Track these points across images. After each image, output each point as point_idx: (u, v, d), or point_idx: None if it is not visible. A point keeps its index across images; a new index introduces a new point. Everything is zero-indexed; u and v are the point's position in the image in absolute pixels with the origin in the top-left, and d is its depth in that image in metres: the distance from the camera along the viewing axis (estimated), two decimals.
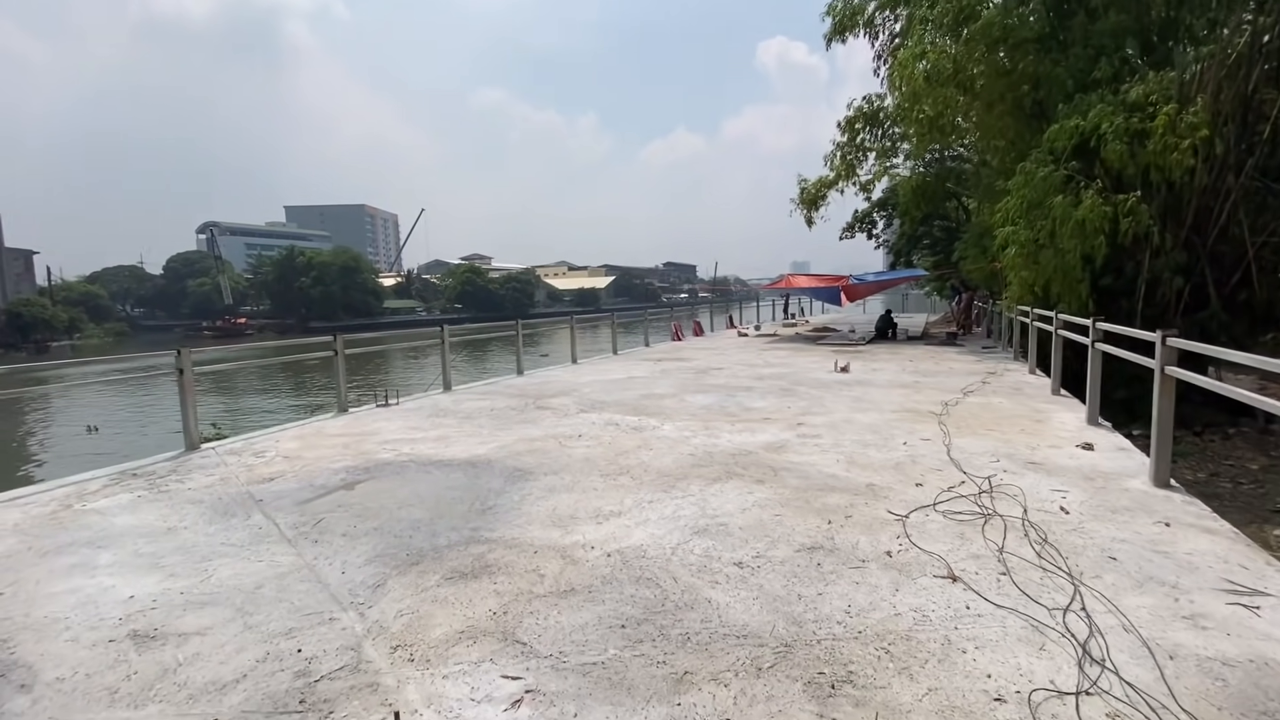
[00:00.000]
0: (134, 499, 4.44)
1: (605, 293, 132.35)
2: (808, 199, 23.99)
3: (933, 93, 14.22)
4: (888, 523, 3.64)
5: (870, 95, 21.68)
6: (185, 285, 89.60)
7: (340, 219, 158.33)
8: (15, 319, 61.37)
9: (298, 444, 6.04)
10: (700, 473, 4.69)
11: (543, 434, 6.14)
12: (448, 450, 5.60)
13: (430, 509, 4.06)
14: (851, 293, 17.50)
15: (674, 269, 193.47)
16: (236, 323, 76.54)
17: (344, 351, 7.88)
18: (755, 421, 6.47)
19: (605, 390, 8.81)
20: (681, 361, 12.27)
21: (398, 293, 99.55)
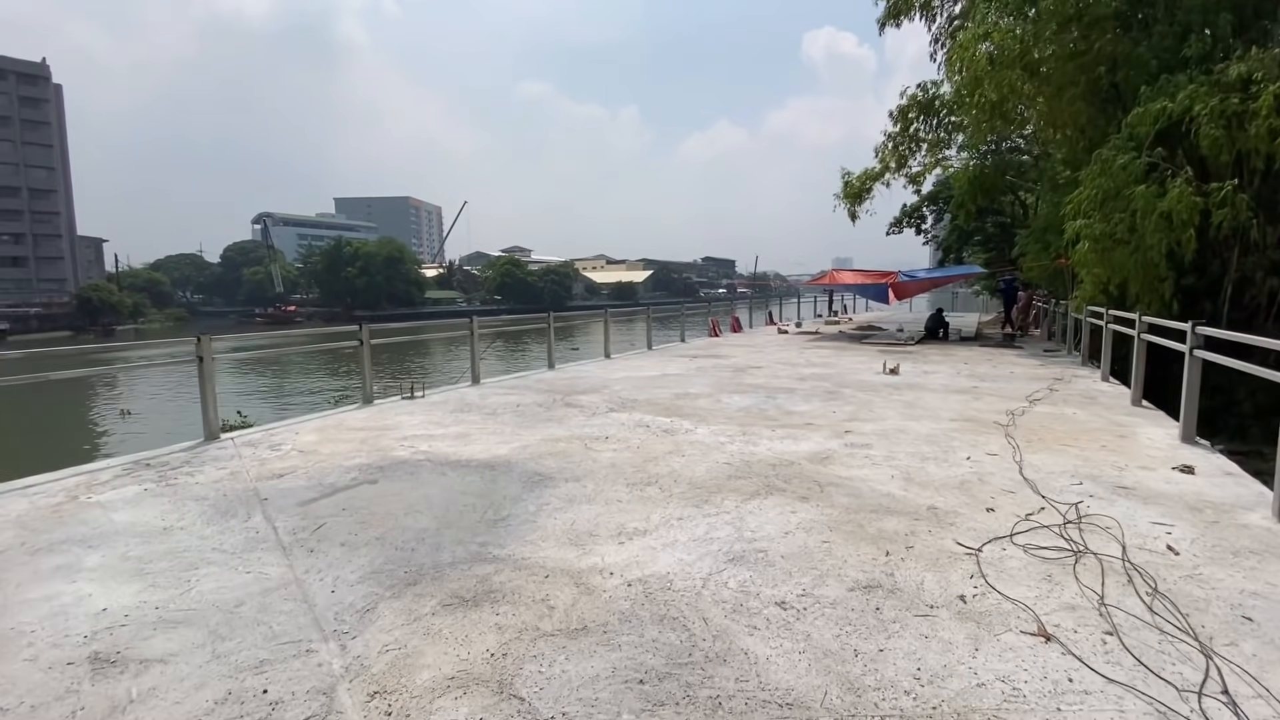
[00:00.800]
0: (140, 492, 4.24)
1: (643, 287, 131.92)
2: (851, 193, 23.03)
3: (996, 76, 13.26)
4: (958, 557, 3.11)
5: (925, 82, 20.63)
6: (241, 273, 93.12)
7: (386, 211, 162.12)
8: (85, 303, 64.74)
9: (316, 437, 5.82)
10: (737, 486, 4.23)
11: (568, 434, 5.76)
12: (466, 449, 5.27)
13: (439, 517, 3.71)
14: (900, 290, 16.63)
15: (712, 264, 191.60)
16: (287, 310, 79.10)
17: (370, 342, 7.67)
18: (797, 427, 5.95)
19: (637, 388, 8.40)
20: (718, 359, 11.76)
21: (439, 283, 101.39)
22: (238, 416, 15.57)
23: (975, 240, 34.01)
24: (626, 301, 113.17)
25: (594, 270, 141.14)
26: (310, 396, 20.82)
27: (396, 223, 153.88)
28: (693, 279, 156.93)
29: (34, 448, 15.09)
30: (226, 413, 15.83)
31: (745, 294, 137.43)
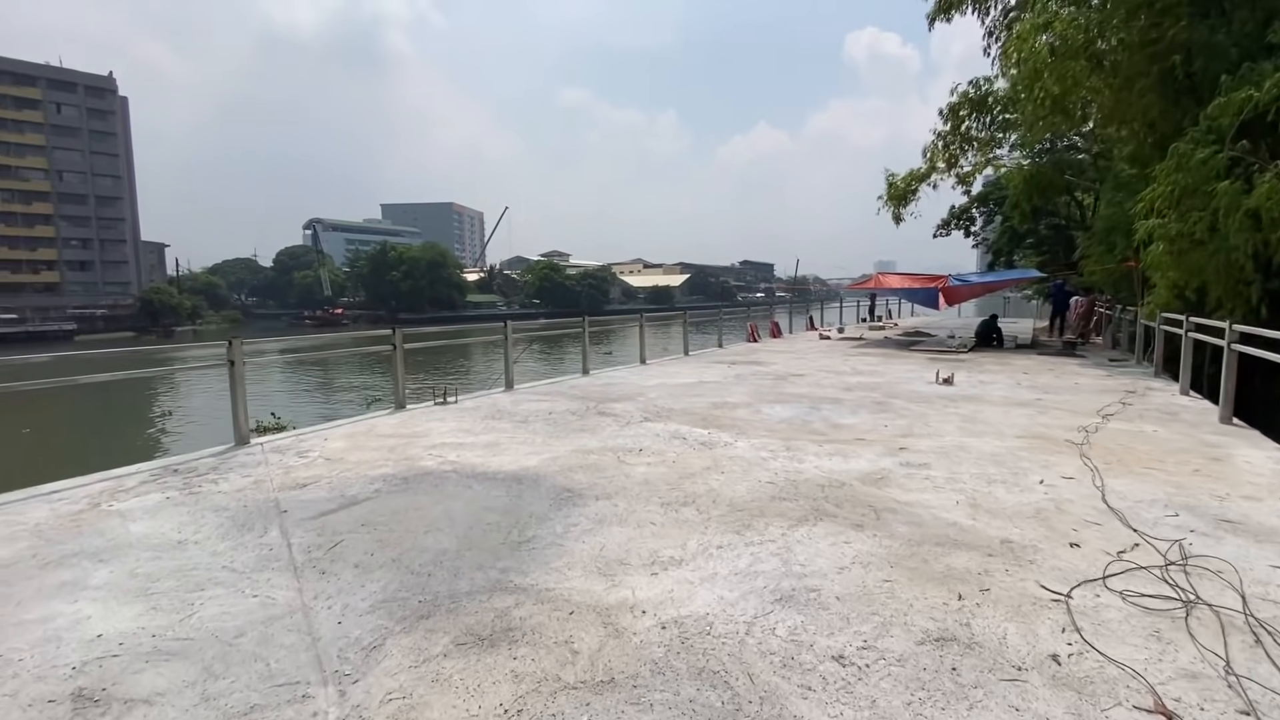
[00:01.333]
0: (161, 501, 4.13)
1: (679, 290, 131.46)
2: (896, 195, 22.28)
3: (1057, 68, 12.50)
4: (1043, 604, 2.69)
5: (977, 79, 19.78)
6: (292, 277, 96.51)
7: (430, 216, 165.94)
8: (148, 305, 68.02)
9: (345, 444, 5.68)
10: (782, 509, 3.86)
11: (600, 445, 5.48)
12: (495, 460, 5.04)
13: (460, 536, 3.47)
14: (952, 295, 15.84)
15: (750, 267, 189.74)
16: (334, 313, 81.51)
17: (403, 347, 7.56)
18: (846, 443, 5.53)
19: (673, 396, 8.07)
20: (758, 366, 11.34)
21: (480, 287, 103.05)
22: (271, 418, 15.89)
23: (1027, 243, 32.52)
24: (662, 305, 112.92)
25: (631, 274, 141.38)
26: (352, 394, 21.18)
27: (440, 228, 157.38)
28: (730, 283, 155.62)
29: (88, 446, 15.66)
30: (268, 410, 16.16)
31: (784, 298, 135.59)
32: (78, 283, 68.55)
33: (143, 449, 14.64)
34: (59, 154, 66.42)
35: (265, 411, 16.19)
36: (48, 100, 65.52)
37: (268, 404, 17.70)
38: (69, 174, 67.33)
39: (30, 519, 3.83)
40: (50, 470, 10.89)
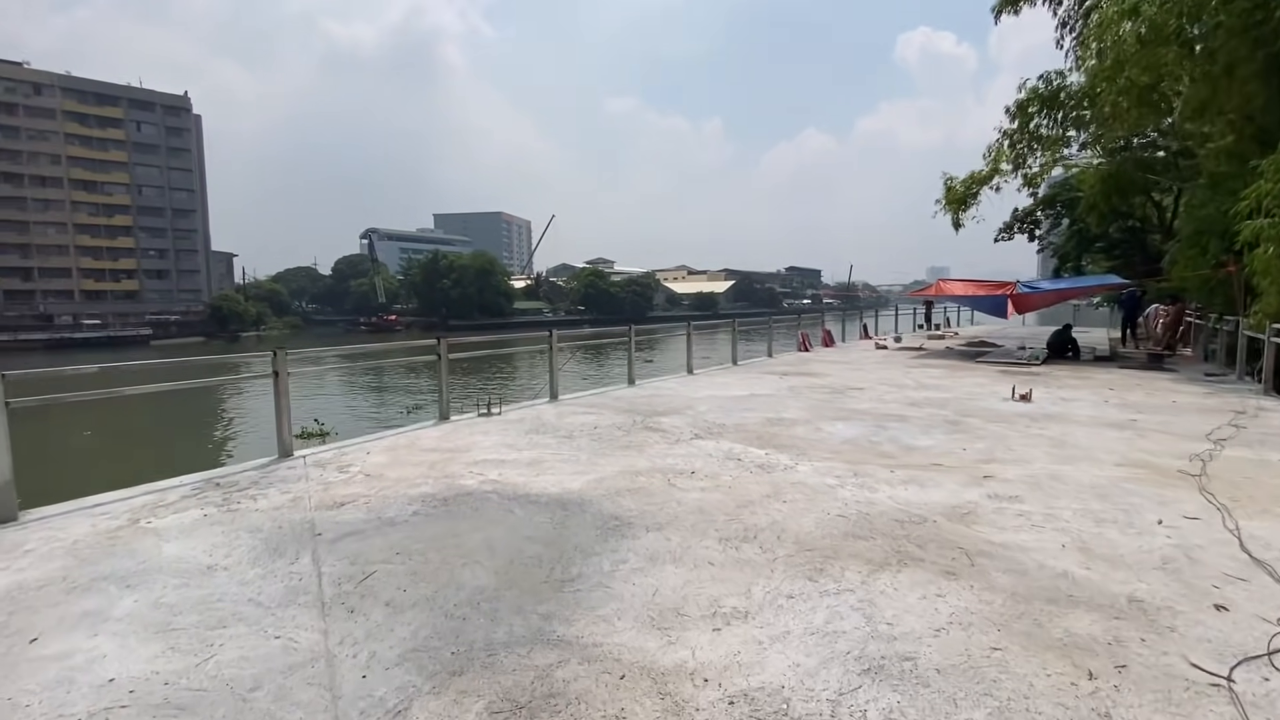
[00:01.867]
0: (199, 519, 4.00)
1: (724, 297, 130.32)
2: (954, 199, 21.25)
3: (1145, 57, 11.56)
4: (1200, 690, 2.18)
5: (1048, 73, 18.68)
6: (349, 284, 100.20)
7: (480, 225, 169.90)
8: (216, 312, 71.73)
9: (386, 458, 5.51)
10: (857, 549, 3.42)
11: (649, 465, 5.12)
12: (538, 480, 4.76)
13: (499, 571, 3.17)
14: (1022, 303, 14.81)
15: (797, 274, 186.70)
16: (388, 319, 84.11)
17: (447, 356, 7.41)
18: (921, 468, 5.01)
19: (724, 410, 7.65)
20: (812, 377, 10.78)
21: (527, 294, 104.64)
22: (315, 424, 16.14)
23: (1097, 247, 30.59)
24: (706, 312, 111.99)
25: (675, 281, 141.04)
26: (403, 395, 21.49)
27: (489, 237, 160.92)
28: (776, 289, 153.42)
29: (146, 451, 16.28)
30: (319, 413, 16.46)
31: (832, 304, 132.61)
32: (154, 290, 72.83)
33: (200, 455, 15.08)
34: (139, 169, 70.90)
35: (318, 414, 16.53)
36: (129, 119, 70.08)
37: (318, 408, 18.14)
38: (147, 188, 71.76)
39: (70, 535, 3.74)
40: (107, 475, 11.31)
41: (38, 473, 12.37)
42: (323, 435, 15.53)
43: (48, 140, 65.31)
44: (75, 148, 66.73)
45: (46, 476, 12.16)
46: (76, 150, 66.87)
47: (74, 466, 13.04)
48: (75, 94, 66.97)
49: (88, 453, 14.63)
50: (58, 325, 63.62)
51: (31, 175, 64.74)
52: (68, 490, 4.74)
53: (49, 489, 9.56)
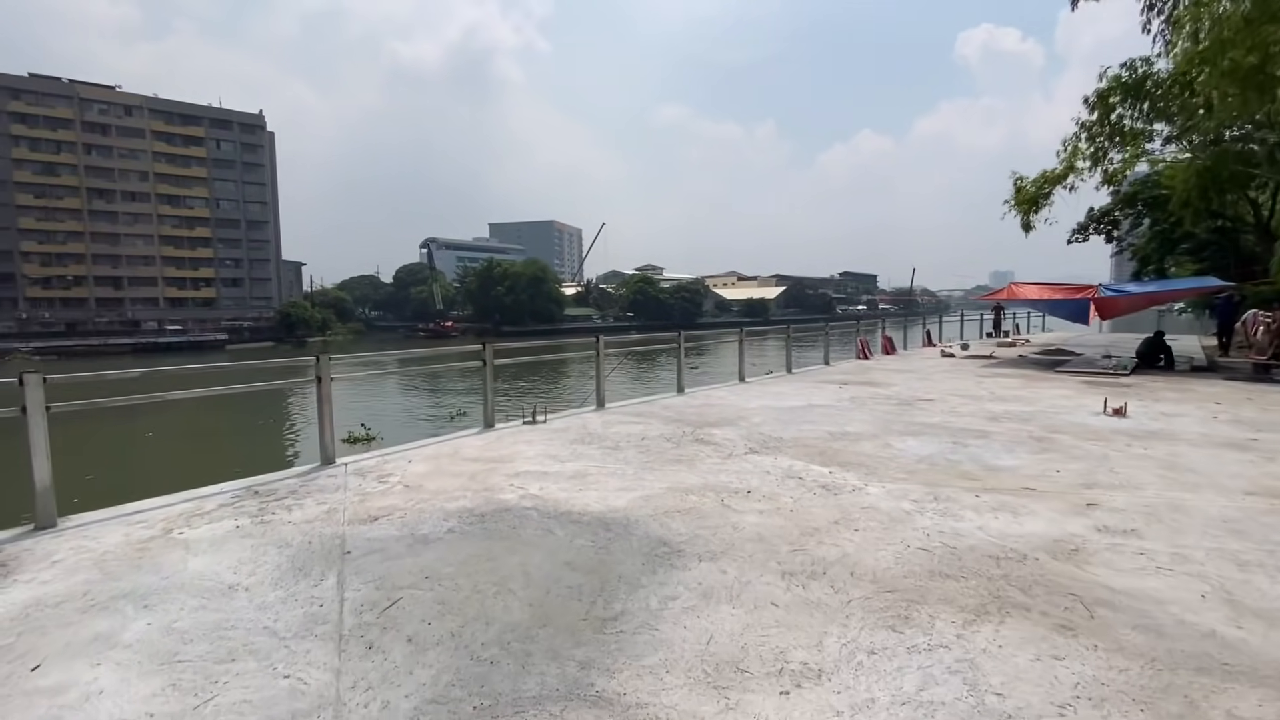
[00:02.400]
0: (231, 530, 3.85)
1: (775, 303, 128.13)
2: (1025, 199, 19.98)
3: (1252, 35, 10.44)
4: None
5: (1131, 60, 17.34)
6: (409, 292, 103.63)
7: (533, 234, 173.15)
8: (285, 318, 75.30)
9: (427, 467, 5.30)
10: (947, 591, 2.92)
11: (700, 482, 4.72)
12: (581, 495, 4.43)
13: (534, 603, 2.84)
14: (1108, 308, 13.58)
15: (851, 279, 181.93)
16: (444, 325, 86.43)
17: (492, 363, 7.21)
18: (1011, 493, 4.42)
19: (780, 421, 7.16)
20: (874, 387, 10.11)
21: (577, 301, 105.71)
22: (361, 429, 16.21)
23: (1183, 248, 28.27)
24: (757, 318, 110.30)
25: (725, 287, 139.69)
26: (454, 398, 21.70)
27: (541, 245, 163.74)
28: (829, 295, 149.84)
29: (203, 454, 16.90)
30: (369, 417, 16.69)
31: (888, 310, 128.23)
32: (230, 297, 77.15)
33: (258, 457, 15.48)
34: (217, 184, 75.37)
35: (371, 416, 16.79)
36: (209, 137, 74.65)
37: (370, 410, 18.47)
38: (225, 202, 76.18)
39: (102, 545, 3.64)
40: (164, 477, 11.67)
41: (98, 473, 12.94)
42: (368, 439, 15.73)
43: (137, 158, 70.24)
44: (161, 165, 71.52)
45: (106, 477, 12.71)
46: (162, 167, 71.66)
47: (133, 467, 13.61)
48: (162, 115, 71.85)
49: (149, 453, 15.28)
50: (144, 330, 68.14)
51: (123, 191, 69.74)
52: (124, 492, 4.73)
53: (102, 491, 9.92)
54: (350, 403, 21.66)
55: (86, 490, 10.57)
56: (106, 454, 15.26)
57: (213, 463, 13.73)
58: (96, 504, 4.41)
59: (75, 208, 67.06)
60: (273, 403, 23.68)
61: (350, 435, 15.66)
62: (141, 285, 71.36)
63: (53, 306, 66.46)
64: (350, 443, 15.13)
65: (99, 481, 12.06)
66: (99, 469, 13.34)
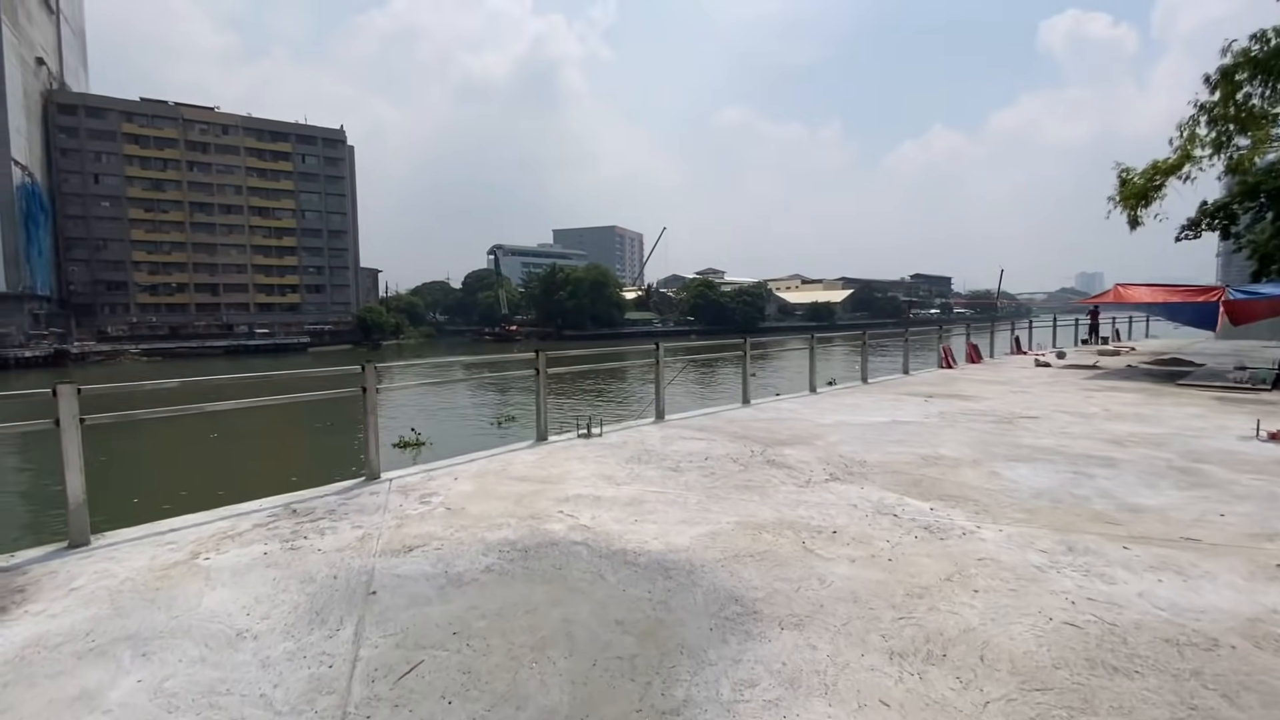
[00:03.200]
0: (258, 558, 3.54)
1: (841, 307, 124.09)
2: (1132, 193, 18.00)
3: None
4: None
5: (1263, 31, 15.36)
6: (477, 297, 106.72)
7: (594, 239, 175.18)
8: (362, 322, 78.94)
9: (472, 486, 4.91)
10: (1120, 695, 2.18)
11: (774, 517, 4.09)
12: (636, 529, 3.89)
13: (577, 680, 2.32)
14: (1242, 312, 11.82)
15: (923, 281, 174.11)
16: (509, 330, 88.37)
17: (546, 370, 6.80)
18: (1168, 544, 3.55)
19: (862, 441, 6.39)
20: (965, 401, 9.10)
21: (638, 305, 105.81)
22: (412, 434, 16.01)
23: None
24: (822, 323, 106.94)
25: (788, 290, 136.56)
26: (515, 398, 21.59)
27: (602, 250, 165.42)
28: (900, 298, 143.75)
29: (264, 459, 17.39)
30: (431, 420, 16.71)
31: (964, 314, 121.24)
32: (312, 303, 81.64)
33: (321, 463, 15.63)
34: (302, 196, 80.00)
35: (422, 418, 16.83)
36: (296, 152, 79.36)
37: (422, 411, 18.61)
38: (309, 213, 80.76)
39: (124, 570, 3.39)
40: (219, 483, 11.84)
41: (158, 480, 13.42)
42: (419, 445, 15.64)
43: (232, 173, 75.52)
44: (253, 179, 76.59)
45: (163, 482, 13.17)
46: (254, 181, 76.72)
47: (189, 472, 14.02)
48: (254, 132, 76.97)
49: (208, 455, 15.75)
50: (236, 334, 73.01)
51: (220, 204, 75.13)
52: (177, 500, 4.56)
53: (157, 496, 10.14)
54: (406, 401, 21.84)
55: (151, 494, 10.94)
56: (165, 458, 15.88)
57: (269, 469, 13.98)
58: (149, 514, 4.24)
59: (179, 220, 72.73)
60: (334, 405, 24.38)
61: (401, 440, 15.53)
62: (234, 291, 76.52)
63: (159, 311, 72.20)
64: (401, 448, 15.06)
65: (154, 486, 12.40)
66: (156, 475, 13.82)
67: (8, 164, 57.80)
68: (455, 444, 17.35)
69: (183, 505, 4.38)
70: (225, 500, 4.62)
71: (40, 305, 61.76)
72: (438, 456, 6.47)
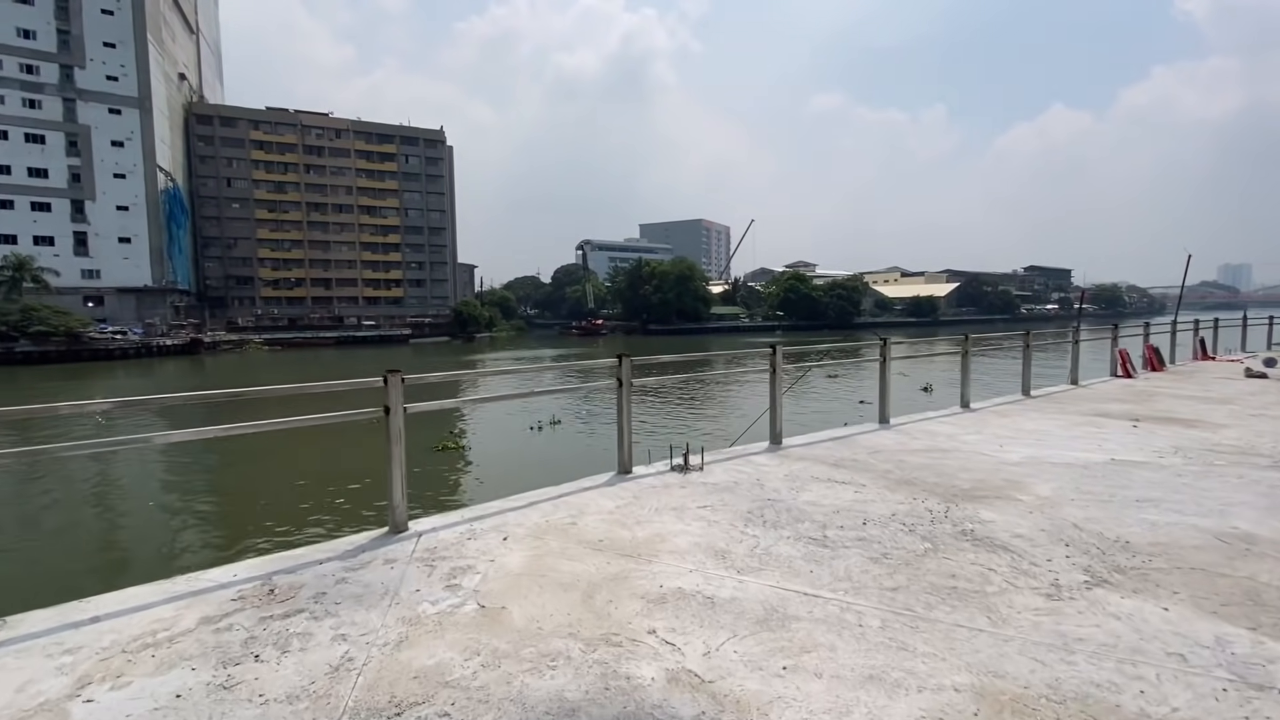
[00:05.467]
0: (163, 704, 2.19)
1: (945, 301, 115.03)
2: None
3: None
4: None
5: None
6: (565, 291, 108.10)
7: (681, 233, 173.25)
8: (459, 315, 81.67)
9: (525, 557, 3.41)
10: None
11: (1039, 678, 2.26)
12: (788, 691, 2.21)
13: None
14: None
15: (1039, 274, 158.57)
16: (595, 324, 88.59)
17: (630, 381, 5.23)
18: None
19: (1092, 497, 4.33)
20: (1188, 428, 6.64)
21: (724, 299, 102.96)
22: (450, 436, 14.19)
23: None
24: (923, 319, 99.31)
25: (886, 284, 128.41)
26: (593, 402, 19.54)
27: (689, 243, 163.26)
28: (1012, 292, 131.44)
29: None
30: (475, 424, 15.17)
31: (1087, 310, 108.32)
32: (414, 297, 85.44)
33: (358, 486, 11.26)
34: (405, 195, 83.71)
35: (471, 425, 15.34)
36: (400, 153, 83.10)
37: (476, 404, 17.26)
38: (411, 210, 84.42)
39: (52, 664, 2.13)
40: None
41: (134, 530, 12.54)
42: (459, 449, 13.88)
43: (344, 175, 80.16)
44: (362, 180, 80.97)
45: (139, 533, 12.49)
46: (363, 182, 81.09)
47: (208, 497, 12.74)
48: (363, 135, 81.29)
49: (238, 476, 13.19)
50: (345, 325, 77.61)
51: (333, 204, 80.00)
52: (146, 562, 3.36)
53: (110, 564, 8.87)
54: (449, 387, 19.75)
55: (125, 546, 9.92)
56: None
57: (290, 496, 11.16)
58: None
59: (297, 219, 78.13)
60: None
61: (440, 444, 13.86)
62: (345, 285, 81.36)
63: (280, 304, 78.02)
64: (439, 451, 13.43)
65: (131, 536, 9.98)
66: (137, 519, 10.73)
67: (154, 171, 64.09)
68: (499, 446, 15.28)
69: (148, 566, 3.20)
70: (214, 549, 3.40)
71: (180, 298, 68.23)
72: (481, 468, 5.03)
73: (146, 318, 61.58)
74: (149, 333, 58.45)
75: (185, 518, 10.36)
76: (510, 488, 4.93)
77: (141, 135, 63.03)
